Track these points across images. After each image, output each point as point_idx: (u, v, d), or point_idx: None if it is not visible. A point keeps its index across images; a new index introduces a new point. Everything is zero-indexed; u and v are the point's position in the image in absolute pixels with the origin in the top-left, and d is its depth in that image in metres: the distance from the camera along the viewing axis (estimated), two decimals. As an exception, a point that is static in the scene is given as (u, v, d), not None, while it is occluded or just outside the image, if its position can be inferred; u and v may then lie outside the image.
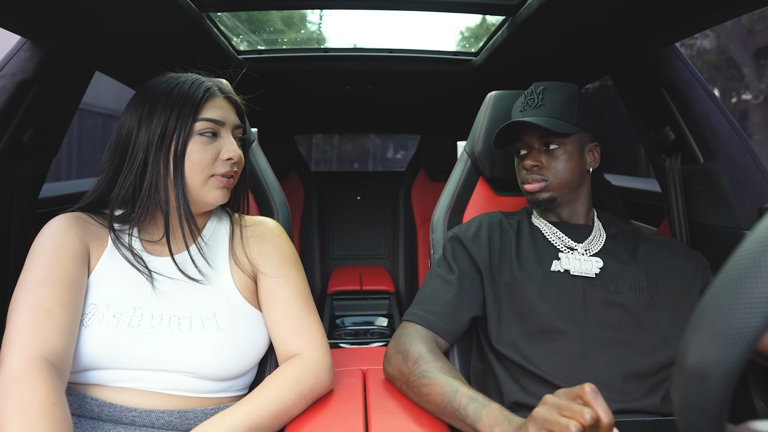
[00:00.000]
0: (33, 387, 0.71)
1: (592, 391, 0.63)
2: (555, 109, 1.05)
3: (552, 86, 1.09)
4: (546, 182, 1.06)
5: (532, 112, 1.07)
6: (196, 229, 0.92)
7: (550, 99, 1.07)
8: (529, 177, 1.08)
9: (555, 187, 1.07)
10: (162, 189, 0.89)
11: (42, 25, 1.14)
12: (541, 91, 1.08)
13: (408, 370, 0.92)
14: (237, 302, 0.94)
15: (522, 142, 1.10)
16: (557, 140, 1.06)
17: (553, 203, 1.08)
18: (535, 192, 1.07)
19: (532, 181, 1.08)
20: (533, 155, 1.08)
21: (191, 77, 0.93)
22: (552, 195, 1.07)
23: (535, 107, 1.07)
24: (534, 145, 1.08)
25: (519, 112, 1.10)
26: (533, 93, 1.10)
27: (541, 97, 1.08)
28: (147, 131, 0.87)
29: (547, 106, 1.06)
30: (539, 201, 1.08)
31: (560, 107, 1.06)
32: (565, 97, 1.07)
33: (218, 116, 0.91)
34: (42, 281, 0.81)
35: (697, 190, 1.29)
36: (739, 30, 7.52)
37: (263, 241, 1.00)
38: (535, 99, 1.08)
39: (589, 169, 1.10)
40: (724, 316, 0.35)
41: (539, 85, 1.10)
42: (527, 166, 1.08)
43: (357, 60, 2.03)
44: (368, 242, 3.23)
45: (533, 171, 1.07)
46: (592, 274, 1.01)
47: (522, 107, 1.10)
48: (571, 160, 1.06)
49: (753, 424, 0.40)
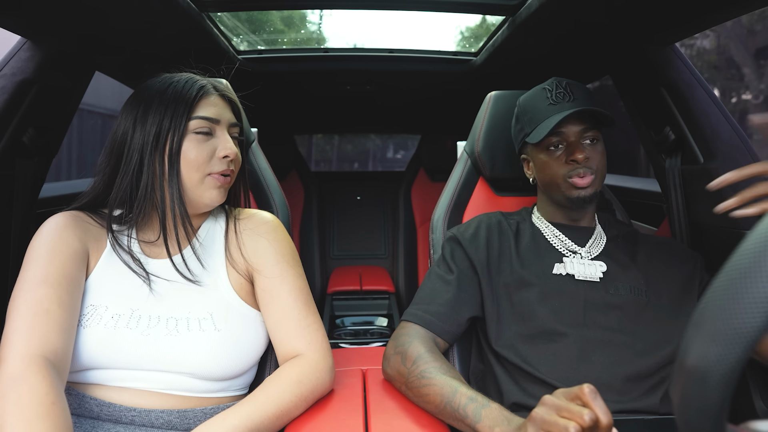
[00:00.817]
0: (32, 386, 0.71)
1: (590, 392, 0.63)
2: (588, 103, 1.03)
3: (574, 82, 1.06)
4: (593, 176, 1.02)
5: (570, 105, 1.02)
6: (192, 230, 0.92)
7: (579, 93, 1.04)
8: (580, 171, 1.01)
9: (599, 182, 1.04)
10: (158, 189, 0.88)
11: (42, 25, 1.14)
12: (567, 85, 1.05)
13: (407, 370, 0.92)
14: (234, 303, 0.93)
15: (560, 136, 1.04)
16: (596, 133, 1.03)
17: (594, 200, 1.04)
18: (587, 186, 1.01)
19: (584, 174, 1.01)
20: (579, 148, 1.01)
21: (185, 76, 0.93)
22: (596, 191, 1.04)
23: (571, 100, 1.03)
24: (571, 138, 1.03)
25: (548, 105, 1.04)
26: (559, 86, 1.05)
27: (570, 90, 1.04)
28: (142, 132, 0.87)
29: (581, 99, 1.03)
30: (586, 198, 1.02)
31: (590, 103, 1.03)
32: (590, 95, 1.05)
33: (213, 114, 0.91)
34: (40, 280, 0.81)
35: (697, 190, 1.29)
36: (739, 30, 7.52)
37: (258, 237, 0.98)
38: (565, 92, 1.04)
39: None
40: (724, 316, 0.35)
41: (561, 79, 1.06)
42: (580, 159, 1.00)
43: (357, 60, 2.02)
44: (368, 242, 3.23)
45: (585, 164, 1.01)
46: (596, 279, 1.01)
47: (551, 101, 1.04)
48: (605, 153, 1.04)
49: (753, 424, 0.40)
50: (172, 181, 0.88)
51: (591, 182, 1.02)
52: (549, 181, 1.07)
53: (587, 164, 1.01)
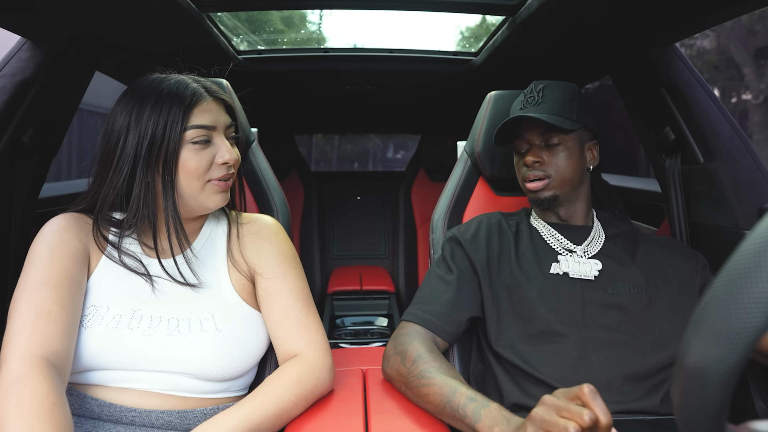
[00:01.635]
0: (33, 387, 0.71)
1: (590, 392, 0.63)
2: (555, 106, 1.05)
3: (552, 84, 1.08)
4: (549, 179, 1.05)
5: (533, 109, 1.06)
6: (185, 240, 0.90)
7: (550, 96, 1.06)
8: (531, 173, 1.06)
9: (557, 184, 1.06)
10: (150, 203, 0.87)
11: (42, 25, 1.14)
12: (542, 89, 1.08)
13: (406, 370, 0.92)
14: (235, 304, 0.93)
15: (523, 139, 1.09)
16: (558, 137, 1.05)
17: (555, 202, 1.07)
18: (538, 190, 1.06)
19: (534, 177, 1.06)
20: (534, 152, 1.06)
21: (174, 81, 0.89)
22: (554, 193, 1.06)
23: (536, 104, 1.06)
24: (535, 141, 1.07)
25: (519, 109, 1.10)
26: (533, 91, 1.09)
27: (542, 94, 1.07)
28: (134, 143, 0.84)
29: (547, 103, 1.05)
30: (541, 200, 1.07)
31: (561, 104, 1.05)
32: (566, 95, 1.07)
33: (208, 121, 0.88)
34: (42, 281, 0.81)
35: (697, 190, 1.29)
36: (739, 30, 7.52)
37: (260, 240, 0.99)
38: (536, 96, 1.08)
39: (590, 167, 1.10)
40: (724, 316, 0.35)
41: (539, 83, 1.09)
42: (528, 162, 1.06)
43: (357, 60, 2.02)
44: (368, 242, 3.23)
45: (535, 167, 1.06)
46: (591, 277, 1.01)
47: (522, 104, 1.09)
48: (572, 157, 1.06)
49: (753, 424, 0.40)
50: (167, 194, 0.86)
51: (545, 185, 1.06)
52: (519, 181, 1.13)
53: (540, 168, 1.06)
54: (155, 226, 0.89)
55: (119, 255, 0.90)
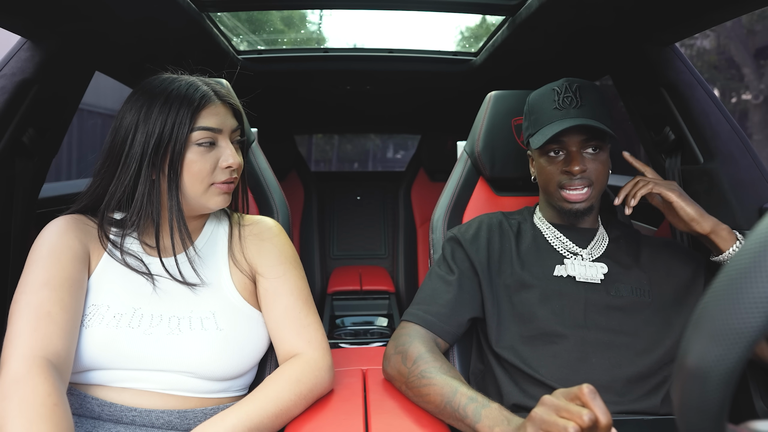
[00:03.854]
0: (34, 387, 0.71)
1: (590, 392, 0.63)
2: (596, 111, 0.99)
3: (585, 85, 1.02)
4: (590, 189, 1.00)
5: (575, 112, 0.99)
6: (188, 238, 0.91)
7: (587, 99, 1.00)
8: (575, 182, 0.99)
9: (596, 194, 1.01)
10: (154, 201, 0.88)
11: (42, 25, 1.14)
12: (577, 88, 1.01)
13: (407, 370, 0.92)
14: (236, 303, 0.94)
15: (560, 144, 1.01)
16: (598, 143, 1.00)
17: (589, 212, 1.03)
18: (579, 201, 1.00)
19: (579, 186, 0.99)
20: (578, 159, 0.99)
21: (185, 82, 0.89)
22: (592, 204, 1.02)
23: (576, 107, 0.99)
24: (572, 147, 1.00)
25: (553, 109, 1.01)
26: (569, 90, 1.01)
27: (579, 96, 1.00)
28: (141, 142, 0.85)
29: (588, 107, 0.99)
30: (579, 211, 1.01)
31: (600, 109, 1.00)
32: (601, 98, 1.01)
33: (215, 124, 0.89)
34: (42, 283, 0.81)
35: (697, 190, 1.29)
36: (739, 30, 7.52)
37: (261, 241, 0.99)
38: (573, 98, 1.00)
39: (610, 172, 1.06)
40: (724, 316, 0.35)
41: (573, 81, 1.02)
42: (575, 171, 0.98)
43: (357, 60, 2.02)
44: (368, 242, 3.23)
45: (580, 176, 0.99)
46: (597, 281, 1.00)
47: (556, 104, 1.01)
48: (607, 164, 1.02)
49: (753, 424, 0.40)
50: (172, 194, 0.87)
51: (586, 196, 1.00)
52: (545, 186, 1.06)
53: (584, 175, 1.00)
54: (158, 224, 0.89)
55: (121, 254, 0.90)
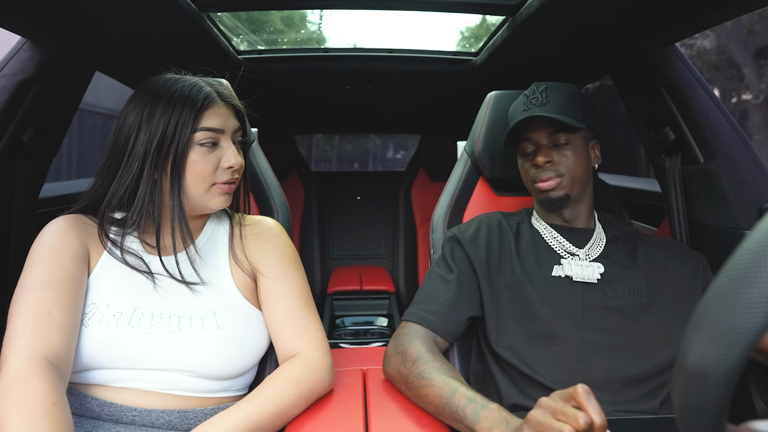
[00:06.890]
0: (34, 387, 0.71)
1: (584, 392, 0.63)
2: (560, 107, 1.04)
3: (554, 85, 1.08)
4: (560, 179, 1.04)
5: (539, 110, 1.05)
6: (189, 237, 0.91)
7: (554, 97, 1.06)
8: (543, 174, 1.05)
9: (569, 183, 1.05)
10: (156, 200, 0.88)
11: (42, 25, 1.14)
12: (544, 89, 1.07)
13: (407, 370, 0.92)
14: (237, 301, 0.94)
15: (529, 141, 1.08)
16: (566, 136, 1.05)
17: (566, 201, 1.06)
18: (550, 190, 1.05)
19: (546, 178, 1.05)
20: (544, 152, 1.05)
21: (188, 83, 0.90)
22: (566, 192, 1.05)
23: (541, 105, 1.06)
24: (542, 142, 1.06)
25: (522, 111, 1.08)
26: (536, 92, 1.08)
27: (545, 95, 1.06)
28: (144, 141, 0.86)
29: (552, 104, 1.05)
30: (553, 199, 1.05)
31: (565, 105, 1.05)
32: (568, 96, 1.07)
33: (218, 124, 0.89)
34: (42, 282, 0.81)
35: (697, 190, 1.29)
36: (739, 30, 7.52)
37: (262, 241, 1.00)
38: (539, 97, 1.07)
39: (595, 166, 1.10)
40: (724, 316, 0.35)
41: (540, 84, 1.09)
42: (540, 162, 1.05)
43: (357, 60, 2.02)
44: (368, 242, 3.23)
45: (546, 167, 1.05)
46: (594, 280, 1.01)
47: (525, 106, 1.08)
48: (580, 156, 1.05)
49: (753, 424, 0.40)
50: (174, 194, 0.87)
51: (557, 184, 1.04)
52: (525, 183, 1.12)
53: (551, 167, 1.05)
54: (159, 224, 0.89)
55: (121, 252, 0.90)
